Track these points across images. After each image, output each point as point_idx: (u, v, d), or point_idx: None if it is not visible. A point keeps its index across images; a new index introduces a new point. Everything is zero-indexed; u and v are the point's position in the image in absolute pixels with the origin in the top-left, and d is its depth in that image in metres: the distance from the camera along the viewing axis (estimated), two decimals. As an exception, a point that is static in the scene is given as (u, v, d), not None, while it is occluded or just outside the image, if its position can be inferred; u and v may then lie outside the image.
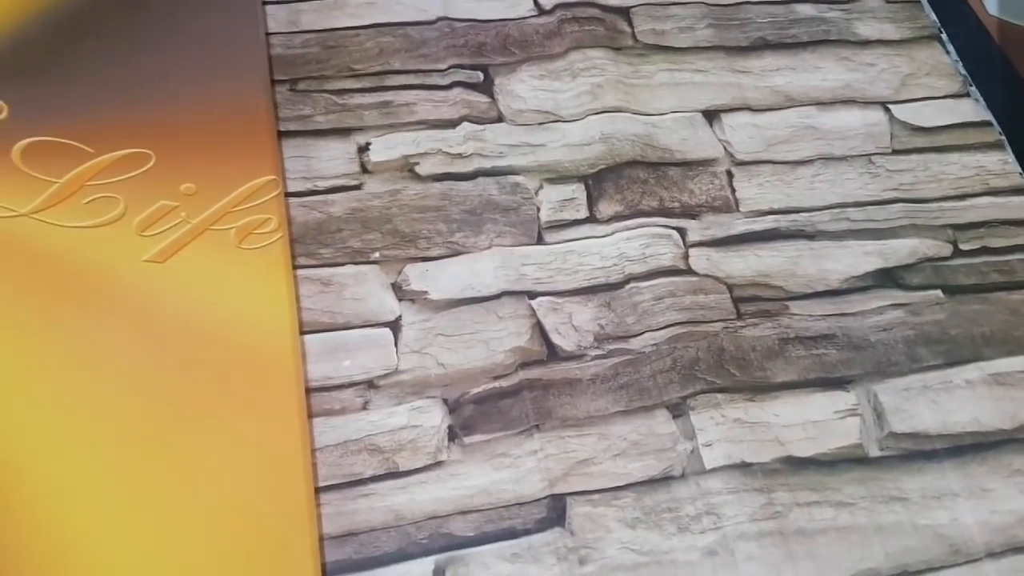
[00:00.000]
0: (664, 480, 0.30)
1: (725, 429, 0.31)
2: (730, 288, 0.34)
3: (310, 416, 0.29)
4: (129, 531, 0.25)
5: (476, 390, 0.31)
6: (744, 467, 0.30)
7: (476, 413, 0.31)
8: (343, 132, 0.36)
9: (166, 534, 0.25)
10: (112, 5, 0.34)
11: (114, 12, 0.34)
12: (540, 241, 0.35)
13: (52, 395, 0.26)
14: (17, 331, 0.27)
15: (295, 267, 0.32)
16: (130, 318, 0.28)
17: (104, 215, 0.29)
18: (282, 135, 0.35)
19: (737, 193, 0.37)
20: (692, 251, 0.35)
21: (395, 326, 0.32)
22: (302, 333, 0.31)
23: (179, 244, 0.29)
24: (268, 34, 0.38)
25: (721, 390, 0.32)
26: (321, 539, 0.27)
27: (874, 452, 0.31)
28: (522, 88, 0.38)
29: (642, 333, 0.33)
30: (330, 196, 0.35)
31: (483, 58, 0.39)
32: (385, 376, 0.31)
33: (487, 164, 0.36)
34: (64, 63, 0.32)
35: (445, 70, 0.38)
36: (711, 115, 0.39)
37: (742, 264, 0.35)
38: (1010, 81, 0.45)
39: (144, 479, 0.26)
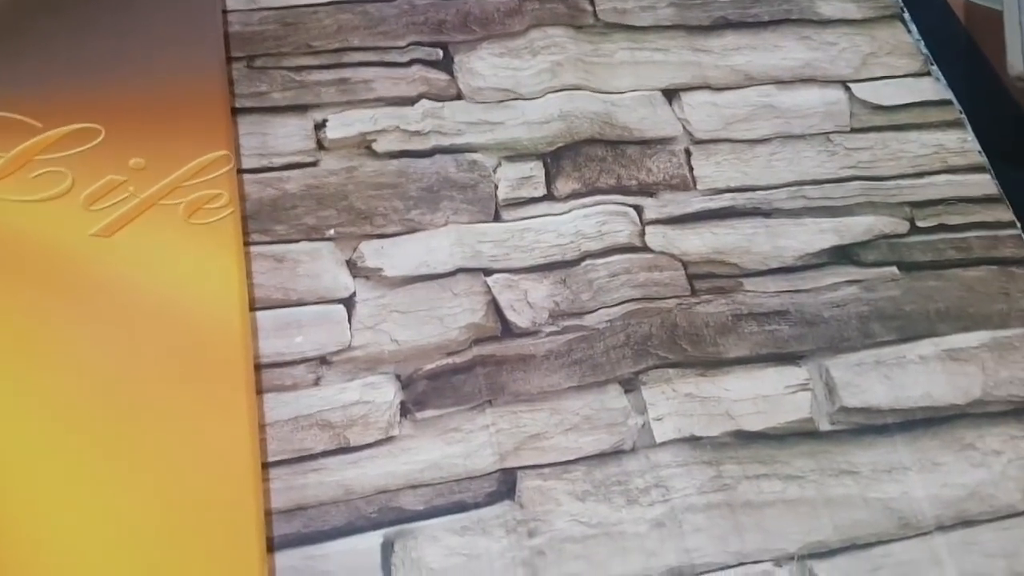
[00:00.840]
0: (615, 454, 0.30)
1: (676, 403, 0.31)
2: (685, 265, 0.34)
3: (260, 391, 0.29)
4: (73, 506, 0.25)
5: (429, 366, 0.31)
6: (694, 441, 0.30)
7: (429, 389, 0.31)
8: (300, 109, 0.36)
9: (111, 509, 0.25)
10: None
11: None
12: (497, 219, 0.35)
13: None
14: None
15: (248, 243, 0.32)
16: (76, 293, 0.27)
17: (51, 189, 0.29)
18: (238, 112, 0.35)
19: (695, 171, 0.37)
20: (648, 228, 0.35)
21: (349, 303, 0.32)
22: (254, 309, 0.31)
23: (126, 218, 0.29)
24: (226, 11, 0.38)
25: (673, 365, 0.32)
26: (268, 513, 0.27)
27: (825, 426, 0.31)
28: (482, 66, 0.38)
29: (597, 310, 0.33)
30: (285, 173, 0.34)
31: (443, 36, 0.39)
32: (338, 352, 0.31)
33: (445, 142, 0.36)
34: (13, 36, 0.32)
35: (404, 47, 0.38)
36: (670, 94, 0.39)
37: (698, 241, 0.35)
38: (973, 60, 0.45)
39: (90, 455, 0.26)
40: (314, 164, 0.35)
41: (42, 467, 0.25)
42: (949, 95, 0.41)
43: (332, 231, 0.33)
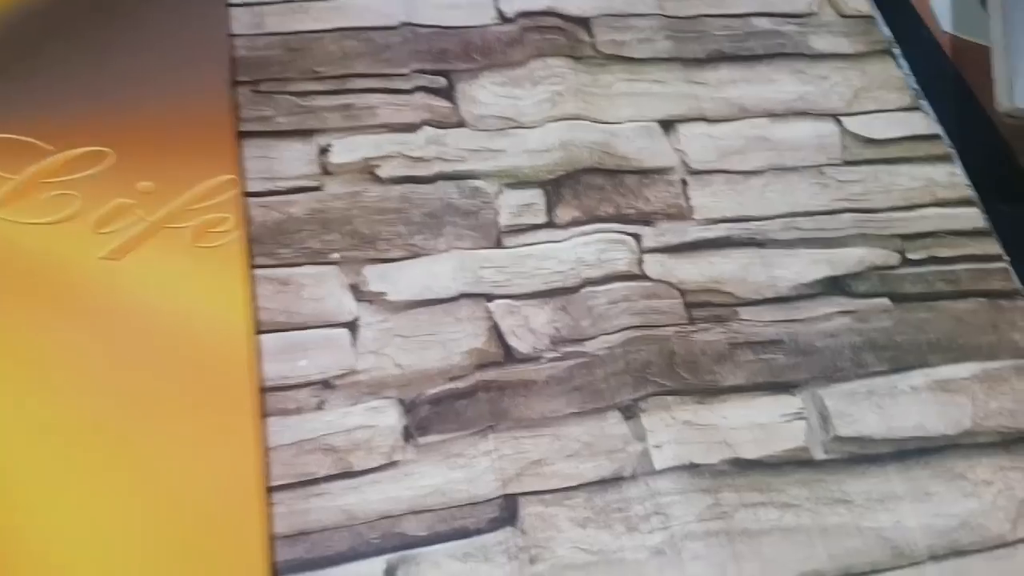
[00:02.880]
0: (615, 480, 0.30)
1: (675, 431, 0.31)
2: (683, 293, 0.35)
3: (264, 415, 0.29)
4: (81, 528, 0.25)
5: (432, 391, 0.31)
6: (692, 468, 0.31)
7: (432, 414, 0.31)
8: (304, 134, 0.36)
9: (117, 531, 0.25)
10: (76, 2, 0.34)
11: (78, 10, 0.34)
12: (499, 245, 0.35)
13: (2, 392, 0.26)
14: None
15: (253, 267, 0.32)
16: (85, 316, 0.28)
17: (61, 212, 0.29)
18: (243, 135, 0.36)
19: (691, 201, 0.37)
20: (646, 257, 0.36)
21: (353, 327, 0.32)
22: (259, 333, 0.31)
23: (135, 242, 0.29)
24: (232, 35, 0.38)
25: (672, 393, 0.32)
26: (272, 538, 0.28)
27: (819, 455, 0.32)
28: (484, 94, 0.39)
29: (597, 336, 0.33)
30: (290, 197, 0.35)
31: (446, 64, 0.39)
32: (341, 376, 0.31)
33: (448, 168, 0.37)
34: (25, 61, 0.32)
35: (408, 75, 0.39)
36: (667, 125, 0.40)
37: (695, 270, 0.36)
38: (961, 95, 0.47)
39: (96, 476, 0.26)
40: (319, 188, 0.35)
41: (49, 489, 0.26)
42: (938, 129, 0.42)
43: (337, 255, 0.34)
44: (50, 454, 0.26)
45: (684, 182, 0.38)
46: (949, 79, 0.47)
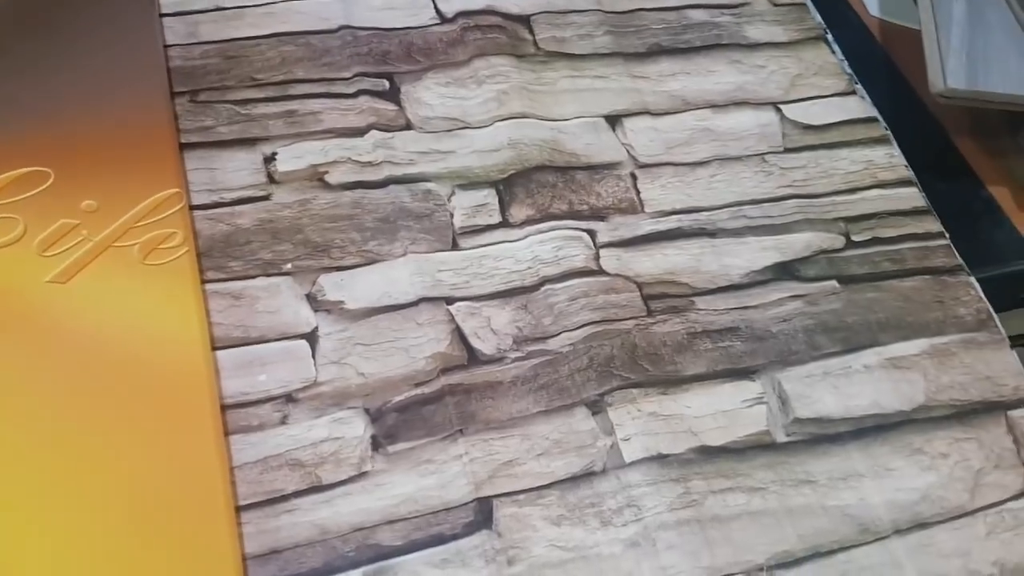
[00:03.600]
0: (586, 476, 0.30)
1: (642, 423, 0.32)
2: (640, 287, 0.35)
3: (226, 433, 0.29)
4: (44, 558, 0.24)
5: (398, 398, 0.31)
6: (661, 459, 0.31)
7: (399, 421, 0.31)
8: (248, 143, 0.36)
9: (84, 560, 0.25)
10: (5, 18, 0.32)
11: (8, 25, 0.32)
12: (455, 247, 0.35)
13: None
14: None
15: (203, 281, 0.32)
16: (35, 342, 0.27)
17: (2, 237, 0.28)
18: (184, 147, 0.35)
19: (642, 195, 0.38)
20: (602, 252, 0.36)
21: (312, 337, 0.32)
22: (214, 349, 0.30)
23: (82, 263, 0.28)
24: (166, 46, 0.37)
25: (636, 385, 0.32)
26: (244, 559, 0.27)
27: (781, 438, 0.32)
28: (428, 95, 0.39)
29: (559, 334, 0.33)
30: (237, 208, 0.34)
31: (388, 66, 0.39)
32: (304, 389, 0.31)
33: (398, 172, 0.36)
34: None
35: (350, 78, 0.38)
36: (613, 120, 0.40)
37: (650, 263, 0.36)
38: (892, 78, 0.48)
39: (57, 507, 0.25)
40: (266, 198, 0.35)
41: (10, 518, 0.25)
42: (874, 112, 0.43)
43: (289, 265, 0.33)
44: (6, 486, 0.25)
45: (633, 176, 0.38)
46: (880, 62, 0.49)
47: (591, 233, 0.36)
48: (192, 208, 0.33)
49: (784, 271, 0.37)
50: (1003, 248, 0.41)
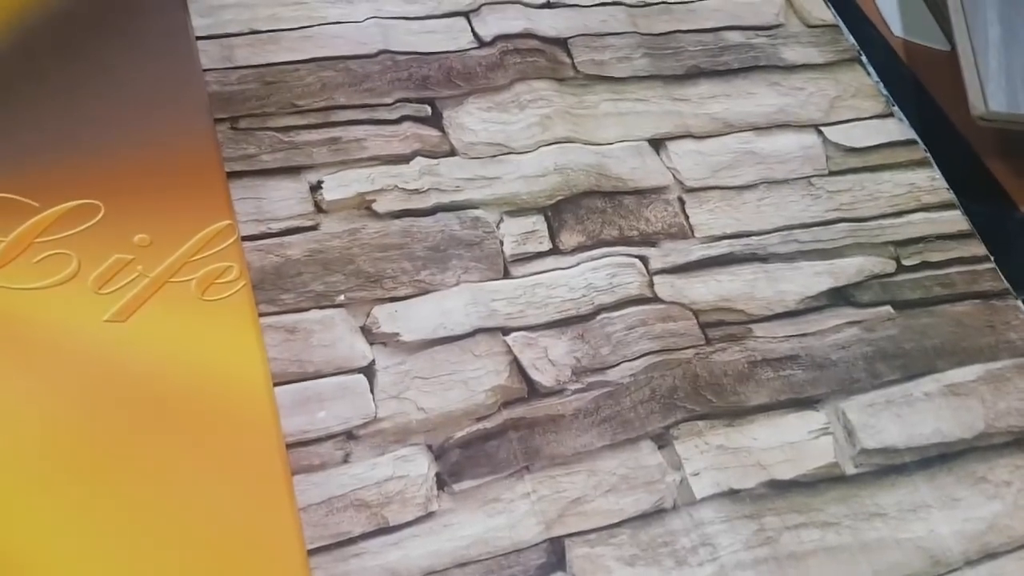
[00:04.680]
0: (657, 513, 0.30)
1: (710, 457, 0.31)
2: (696, 314, 0.34)
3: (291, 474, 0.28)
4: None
5: (460, 433, 0.30)
6: (733, 494, 0.30)
7: (463, 458, 0.30)
8: (292, 171, 0.35)
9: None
10: (43, 48, 0.31)
11: (46, 55, 0.31)
12: (507, 275, 0.34)
13: (19, 471, 0.24)
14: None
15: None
16: (96, 383, 0.26)
17: (58, 274, 0.27)
18: (228, 176, 0.34)
19: (691, 219, 0.37)
20: (656, 278, 0.35)
21: (369, 371, 0.31)
22: (274, 385, 0.29)
23: (139, 300, 0.27)
24: (203, 71, 0.36)
25: (701, 417, 0.32)
26: (316, 605, 0.26)
27: (850, 470, 0.32)
28: (471, 121, 0.38)
29: (619, 364, 0.32)
30: (286, 238, 0.33)
31: (428, 91, 0.38)
32: (364, 425, 0.30)
33: (445, 199, 0.35)
34: (-1, 111, 0.30)
35: (392, 104, 0.37)
36: (656, 143, 0.39)
37: (704, 289, 0.35)
38: (920, 98, 0.48)
39: (125, 553, 0.24)
40: (315, 228, 0.34)
41: (75, 565, 0.23)
42: (913, 134, 0.42)
43: (342, 297, 0.32)
44: (73, 532, 0.24)
45: (681, 200, 0.38)
46: (907, 83, 0.48)
47: (643, 259, 0.35)
48: (241, 239, 0.32)
49: (839, 296, 0.36)
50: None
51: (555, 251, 0.35)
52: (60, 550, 0.23)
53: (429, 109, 0.38)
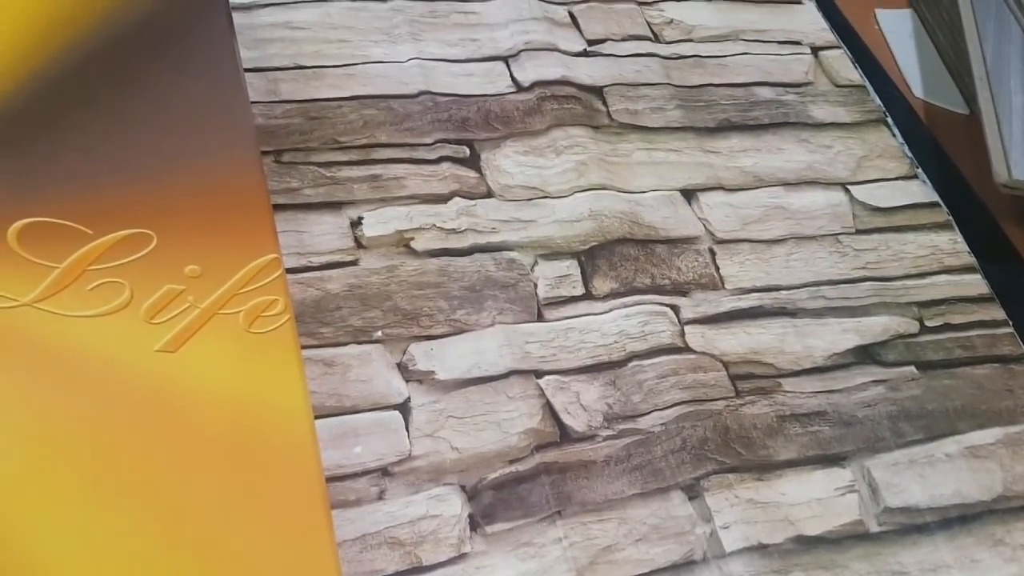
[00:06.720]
0: (687, 565, 0.30)
1: (740, 510, 0.31)
2: (726, 365, 0.35)
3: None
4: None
5: (493, 475, 0.30)
6: (761, 548, 0.31)
7: (496, 500, 0.30)
8: (334, 206, 0.35)
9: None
10: (96, 74, 0.32)
11: (98, 82, 0.32)
12: (540, 318, 0.34)
13: (66, 497, 0.24)
14: (25, 432, 0.25)
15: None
16: (146, 412, 0.26)
17: (110, 302, 0.27)
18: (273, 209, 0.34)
19: (721, 271, 0.38)
20: (687, 328, 0.36)
21: (404, 408, 0.31)
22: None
23: (189, 332, 0.27)
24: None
25: (731, 470, 0.32)
26: (351, 643, 0.26)
27: (874, 528, 0.32)
28: (508, 164, 0.39)
29: (650, 412, 0.33)
30: (326, 272, 0.34)
31: (467, 133, 0.39)
32: (399, 463, 0.30)
33: (481, 240, 0.36)
34: (52, 137, 0.30)
35: (432, 144, 0.38)
36: (688, 194, 0.40)
37: (734, 341, 0.36)
38: (942, 162, 0.49)
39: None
40: (354, 263, 0.34)
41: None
42: (936, 197, 0.43)
43: (380, 333, 0.33)
44: (117, 560, 0.24)
45: (712, 251, 0.38)
46: (927, 145, 0.49)
47: (675, 308, 0.36)
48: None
49: (865, 354, 0.37)
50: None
51: (588, 296, 0.35)
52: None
53: (467, 150, 0.38)
